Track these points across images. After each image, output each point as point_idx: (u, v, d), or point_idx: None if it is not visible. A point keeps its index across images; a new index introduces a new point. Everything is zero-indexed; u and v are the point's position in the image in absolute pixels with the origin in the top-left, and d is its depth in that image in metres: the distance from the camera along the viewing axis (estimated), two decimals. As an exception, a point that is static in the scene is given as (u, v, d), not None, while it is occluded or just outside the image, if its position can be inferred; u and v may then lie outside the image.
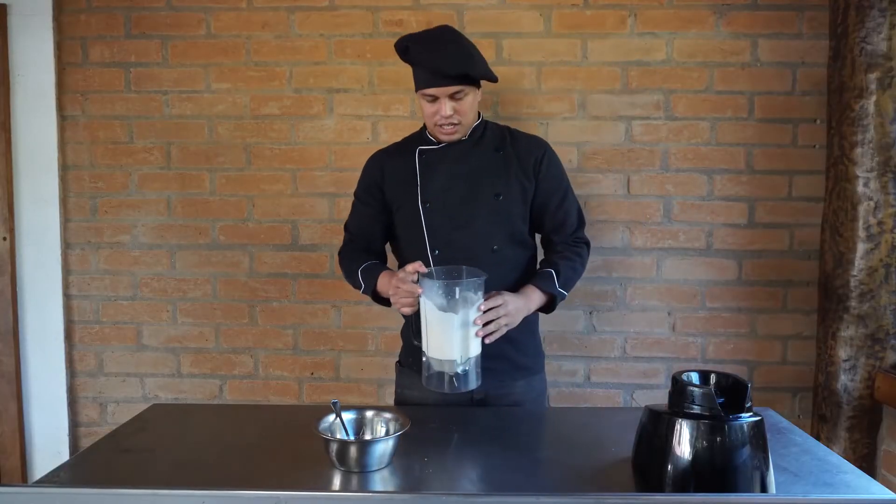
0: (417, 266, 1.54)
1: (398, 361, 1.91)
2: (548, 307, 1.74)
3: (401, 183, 1.78)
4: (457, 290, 1.50)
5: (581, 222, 1.84)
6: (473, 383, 1.54)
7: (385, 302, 1.75)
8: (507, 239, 1.75)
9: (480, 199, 1.73)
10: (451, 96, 1.66)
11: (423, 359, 1.57)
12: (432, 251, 1.73)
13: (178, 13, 2.43)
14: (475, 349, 1.54)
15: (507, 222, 1.75)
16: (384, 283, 1.70)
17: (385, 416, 1.47)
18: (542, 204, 1.78)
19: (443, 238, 1.73)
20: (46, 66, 2.43)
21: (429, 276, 1.53)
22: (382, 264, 1.83)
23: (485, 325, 1.53)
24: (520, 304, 1.63)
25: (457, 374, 1.51)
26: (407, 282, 1.55)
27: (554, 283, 1.70)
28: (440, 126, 1.70)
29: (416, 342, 1.61)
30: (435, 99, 1.67)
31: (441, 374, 1.53)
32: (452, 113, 1.67)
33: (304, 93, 2.43)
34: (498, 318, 1.55)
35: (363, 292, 1.79)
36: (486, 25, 2.38)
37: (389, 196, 1.81)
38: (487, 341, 1.54)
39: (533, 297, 1.69)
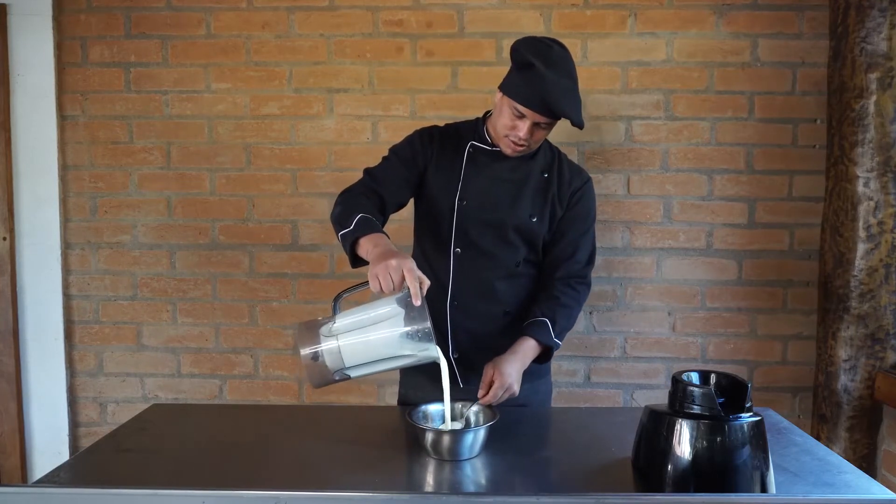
0: (427, 283, 1.42)
1: None
2: (542, 356, 1.68)
3: (444, 172, 1.74)
4: (419, 335, 1.38)
5: (590, 261, 1.80)
6: (317, 385, 1.46)
7: (353, 258, 1.56)
8: (530, 256, 1.76)
9: (516, 215, 1.71)
10: (536, 122, 1.62)
11: (325, 327, 1.43)
12: (454, 248, 1.72)
13: (178, 13, 2.43)
14: (358, 373, 1.44)
15: (534, 243, 1.75)
16: (377, 242, 1.49)
17: (473, 408, 1.51)
18: (561, 231, 1.76)
19: (469, 239, 1.71)
20: (46, 66, 2.43)
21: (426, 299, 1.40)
22: (381, 225, 1.62)
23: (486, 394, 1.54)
24: (518, 368, 1.59)
25: (326, 368, 1.41)
26: (416, 276, 1.38)
27: (550, 333, 1.65)
28: (510, 140, 1.65)
29: (333, 304, 1.47)
30: (521, 116, 1.61)
31: (320, 358, 1.40)
32: (528, 136, 1.63)
33: (304, 93, 2.43)
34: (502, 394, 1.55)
35: (343, 234, 1.55)
36: (486, 25, 2.38)
37: (429, 180, 1.75)
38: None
39: (528, 352, 1.64)
